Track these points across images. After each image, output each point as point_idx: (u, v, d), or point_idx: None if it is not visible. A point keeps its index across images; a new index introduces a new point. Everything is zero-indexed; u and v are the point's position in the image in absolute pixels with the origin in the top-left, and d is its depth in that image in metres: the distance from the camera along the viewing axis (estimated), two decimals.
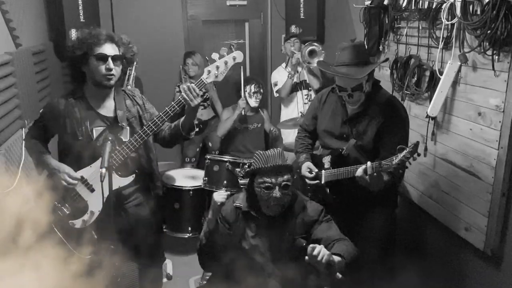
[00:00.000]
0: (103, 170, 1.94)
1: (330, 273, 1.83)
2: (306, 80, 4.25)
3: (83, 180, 2.24)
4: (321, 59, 3.91)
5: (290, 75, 4.16)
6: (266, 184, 2.10)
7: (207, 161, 3.57)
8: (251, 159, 3.56)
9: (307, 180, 2.60)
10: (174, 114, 2.23)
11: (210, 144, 4.56)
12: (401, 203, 2.81)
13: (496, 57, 2.20)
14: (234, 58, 2.28)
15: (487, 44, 2.21)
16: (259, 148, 4.32)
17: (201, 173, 3.76)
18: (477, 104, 2.40)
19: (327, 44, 4.82)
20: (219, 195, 2.31)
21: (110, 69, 2.18)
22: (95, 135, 2.24)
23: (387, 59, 2.96)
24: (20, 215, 1.97)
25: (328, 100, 2.64)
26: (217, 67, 2.25)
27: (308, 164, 2.62)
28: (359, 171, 2.25)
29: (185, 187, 3.65)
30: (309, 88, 4.31)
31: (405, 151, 2.20)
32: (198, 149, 4.56)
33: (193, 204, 3.66)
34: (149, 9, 4.69)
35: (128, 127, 2.30)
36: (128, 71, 2.36)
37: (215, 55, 2.25)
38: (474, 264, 2.54)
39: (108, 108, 2.32)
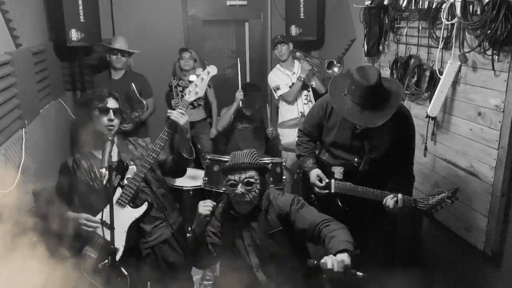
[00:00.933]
0: (103, 170, 1.95)
1: (351, 276, 1.81)
2: (304, 80, 4.24)
3: (102, 222, 2.30)
4: (336, 69, 3.91)
5: (300, 79, 4.12)
6: (230, 182, 2.18)
7: (207, 161, 3.57)
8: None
9: (316, 189, 2.55)
10: (169, 137, 2.40)
11: (199, 146, 4.55)
12: None
13: (496, 57, 2.20)
14: (208, 73, 2.47)
15: (487, 44, 2.21)
16: (258, 147, 4.34)
17: (201, 173, 3.76)
18: (477, 104, 2.40)
19: (327, 44, 4.83)
20: (204, 207, 2.21)
21: (112, 120, 2.36)
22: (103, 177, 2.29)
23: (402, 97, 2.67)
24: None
25: (334, 110, 2.52)
26: (196, 85, 2.45)
27: (318, 172, 2.56)
28: (390, 203, 2.26)
29: (185, 187, 3.65)
30: (308, 89, 4.30)
31: (443, 194, 2.22)
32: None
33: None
34: (149, 9, 4.68)
35: (134, 166, 2.43)
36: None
37: (192, 77, 2.46)
38: (474, 264, 2.54)
39: (112, 155, 2.39)
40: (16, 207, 2.68)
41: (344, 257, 1.84)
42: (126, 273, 2.29)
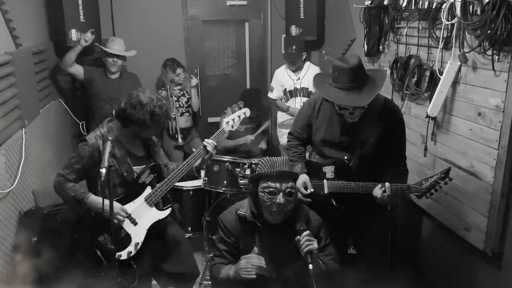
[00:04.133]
0: (103, 170, 1.95)
1: (306, 260, 1.94)
2: (308, 88, 4.26)
3: (128, 215, 2.41)
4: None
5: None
6: (270, 189, 2.06)
7: None
8: (251, 159, 3.58)
9: (299, 195, 2.51)
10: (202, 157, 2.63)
11: (194, 149, 4.54)
12: (401, 203, 2.81)
13: (496, 57, 2.20)
14: (245, 114, 2.85)
15: (487, 44, 2.21)
16: (257, 147, 4.35)
17: (201, 173, 3.76)
18: (477, 104, 2.40)
19: (327, 44, 4.83)
20: (250, 272, 2.04)
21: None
22: (135, 173, 2.47)
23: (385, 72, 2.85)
24: None
25: (322, 107, 2.56)
26: (233, 120, 2.78)
27: (305, 178, 2.53)
28: (378, 192, 2.27)
29: (185, 187, 3.64)
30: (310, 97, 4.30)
31: (436, 176, 2.21)
32: (183, 154, 4.57)
33: (193, 204, 3.66)
34: (149, 9, 4.68)
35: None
36: None
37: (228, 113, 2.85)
38: (474, 264, 2.54)
39: (138, 148, 2.55)
40: (16, 207, 2.68)
41: (316, 245, 2.00)
42: (135, 266, 2.39)
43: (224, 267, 2.16)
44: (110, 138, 2.14)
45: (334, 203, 2.51)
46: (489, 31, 2.14)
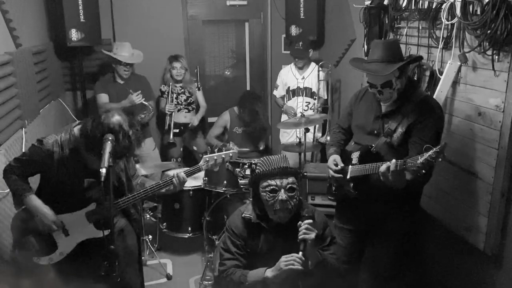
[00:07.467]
0: (103, 170, 1.94)
1: (299, 247, 1.95)
2: (311, 89, 4.27)
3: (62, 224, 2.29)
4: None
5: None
6: (272, 187, 2.04)
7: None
8: (251, 159, 3.58)
9: (330, 172, 2.54)
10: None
11: (195, 148, 4.56)
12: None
13: (496, 57, 2.20)
14: (231, 156, 2.55)
15: (487, 44, 2.21)
16: (256, 148, 4.36)
17: (201, 173, 3.76)
18: (477, 104, 2.40)
19: (327, 44, 4.83)
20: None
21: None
22: (85, 185, 2.28)
23: (421, 57, 2.76)
24: None
25: (365, 97, 2.59)
26: (215, 160, 2.49)
27: (335, 157, 2.55)
28: (383, 168, 2.22)
29: (185, 187, 3.64)
30: (314, 97, 4.30)
31: (431, 151, 2.19)
32: (181, 149, 4.58)
33: (193, 204, 3.66)
34: (149, 9, 4.68)
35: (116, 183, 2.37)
36: None
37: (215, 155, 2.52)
38: (474, 264, 2.54)
39: (96, 161, 2.23)
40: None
41: (312, 236, 1.97)
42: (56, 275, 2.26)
43: (248, 272, 2.08)
44: (110, 138, 2.13)
45: (352, 187, 2.48)
46: (489, 31, 2.14)
